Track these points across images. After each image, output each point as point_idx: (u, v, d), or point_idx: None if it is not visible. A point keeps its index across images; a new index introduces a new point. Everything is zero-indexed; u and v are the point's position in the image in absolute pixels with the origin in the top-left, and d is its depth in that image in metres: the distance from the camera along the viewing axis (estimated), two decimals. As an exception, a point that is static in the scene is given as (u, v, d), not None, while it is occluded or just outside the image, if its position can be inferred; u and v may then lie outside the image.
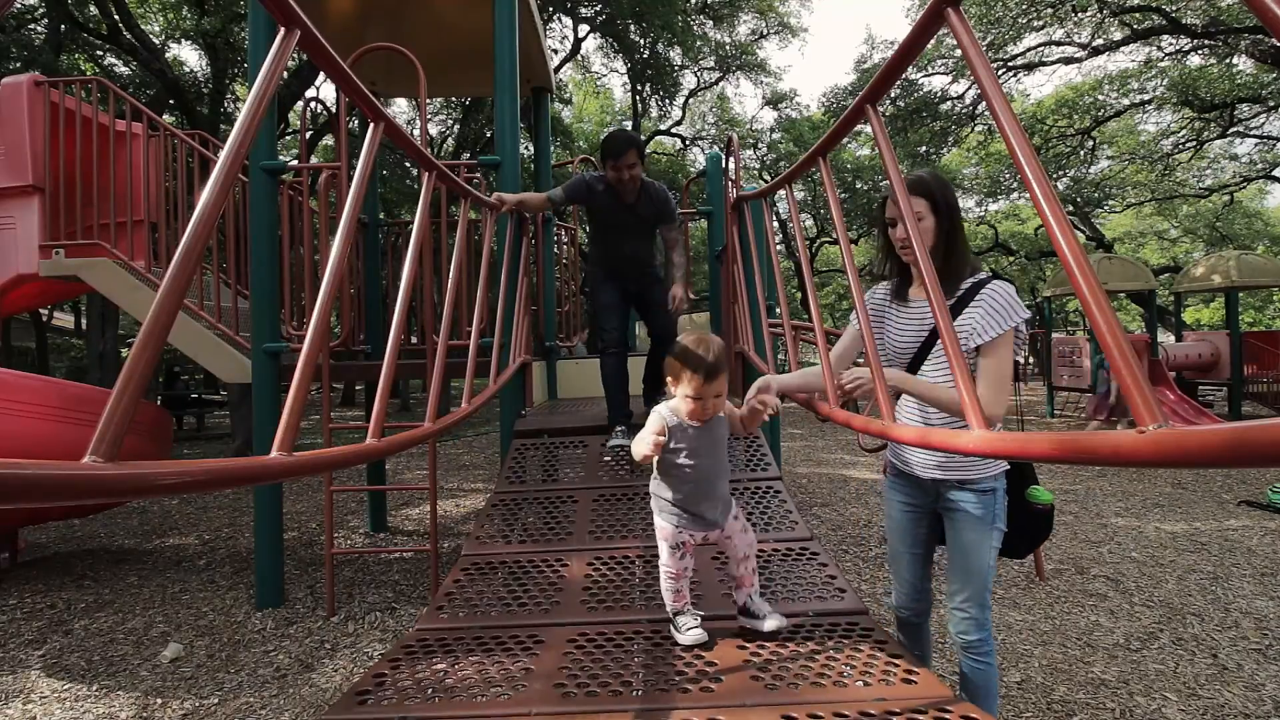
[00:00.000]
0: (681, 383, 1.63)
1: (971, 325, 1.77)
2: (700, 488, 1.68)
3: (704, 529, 1.70)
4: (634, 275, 3.55)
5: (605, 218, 3.46)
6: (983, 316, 1.76)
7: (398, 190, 14.70)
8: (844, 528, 5.32)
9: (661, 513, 1.73)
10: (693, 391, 1.61)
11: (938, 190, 1.84)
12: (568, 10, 14.96)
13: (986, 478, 1.85)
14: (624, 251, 3.49)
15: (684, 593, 1.72)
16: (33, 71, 6.15)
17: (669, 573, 1.71)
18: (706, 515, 1.69)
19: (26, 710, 2.80)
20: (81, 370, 16.38)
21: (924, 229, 1.81)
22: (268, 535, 3.94)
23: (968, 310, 1.80)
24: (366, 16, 4.60)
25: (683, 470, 1.66)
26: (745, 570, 1.73)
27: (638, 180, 3.34)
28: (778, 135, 21.67)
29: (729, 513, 1.74)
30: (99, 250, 4.69)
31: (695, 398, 1.62)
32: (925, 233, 1.82)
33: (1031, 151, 0.91)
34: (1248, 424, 0.56)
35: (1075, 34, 13.13)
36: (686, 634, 1.66)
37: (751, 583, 1.74)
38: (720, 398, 1.65)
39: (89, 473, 0.66)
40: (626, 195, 3.37)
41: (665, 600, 1.74)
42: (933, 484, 1.92)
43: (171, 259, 0.90)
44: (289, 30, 1.15)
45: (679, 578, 1.71)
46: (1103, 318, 0.79)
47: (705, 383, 1.60)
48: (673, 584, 1.71)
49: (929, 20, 1.14)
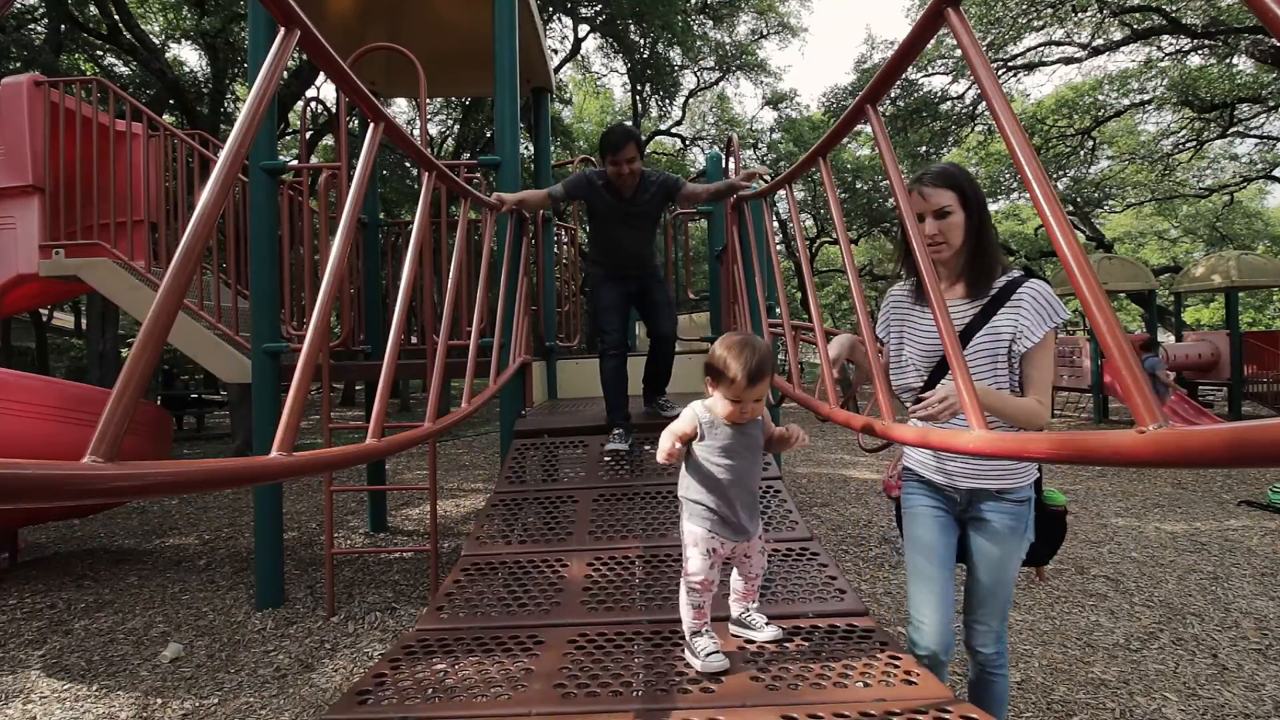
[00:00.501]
0: (722, 384, 1.55)
1: (1017, 327, 1.66)
2: (733, 490, 1.60)
3: (735, 537, 1.61)
4: (635, 274, 3.53)
5: (606, 214, 3.43)
6: (1028, 317, 1.65)
7: (398, 190, 14.70)
8: (844, 528, 5.32)
9: (691, 517, 1.63)
10: (734, 395, 1.54)
11: (966, 183, 1.72)
12: (568, 10, 14.96)
13: (1023, 486, 1.76)
14: (625, 248, 3.47)
15: (706, 610, 1.60)
16: (33, 71, 6.15)
17: (696, 583, 1.58)
18: (740, 520, 1.61)
19: (26, 710, 2.80)
20: (81, 370, 16.38)
21: (953, 225, 1.70)
22: (268, 535, 3.94)
23: (1005, 311, 1.69)
24: (366, 16, 4.60)
25: (716, 470, 1.59)
26: (753, 588, 1.69)
27: (637, 174, 3.31)
28: (778, 135, 21.66)
29: (758, 523, 1.67)
30: (99, 250, 4.69)
31: (735, 399, 1.54)
32: (954, 229, 1.71)
33: (1031, 151, 0.91)
34: (1248, 424, 0.56)
35: (1075, 34, 13.13)
36: (706, 660, 1.53)
37: (753, 598, 1.71)
38: (760, 402, 1.58)
39: (89, 473, 0.66)
40: (626, 190, 3.33)
41: (683, 617, 1.61)
42: (968, 494, 1.79)
43: (171, 259, 0.90)
44: (289, 30, 1.15)
45: (705, 590, 1.59)
46: (1103, 318, 0.79)
47: (748, 387, 1.52)
48: (697, 597, 1.59)
49: (929, 20, 1.14)
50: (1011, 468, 1.74)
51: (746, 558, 1.66)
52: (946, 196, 1.69)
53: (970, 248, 1.73)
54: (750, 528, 1.63)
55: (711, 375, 1.58)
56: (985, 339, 1.70)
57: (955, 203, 1.69)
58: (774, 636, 1.65)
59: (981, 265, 1.72)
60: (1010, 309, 1.68)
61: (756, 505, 1.67)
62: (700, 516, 1.61)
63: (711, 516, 1.60)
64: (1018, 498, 1.75)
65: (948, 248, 1.73)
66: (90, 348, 11.81)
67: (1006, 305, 1.69)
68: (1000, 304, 1.70)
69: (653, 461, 3.02)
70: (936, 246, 1.73)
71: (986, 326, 1.70)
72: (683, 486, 1.67)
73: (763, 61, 19.71)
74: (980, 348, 1.71)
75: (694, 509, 1.62)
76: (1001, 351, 1.68)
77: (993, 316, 1.70)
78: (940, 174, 1.72)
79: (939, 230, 1.71)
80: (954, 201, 1.69)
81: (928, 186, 1.71)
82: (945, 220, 1.70)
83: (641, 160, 3.33)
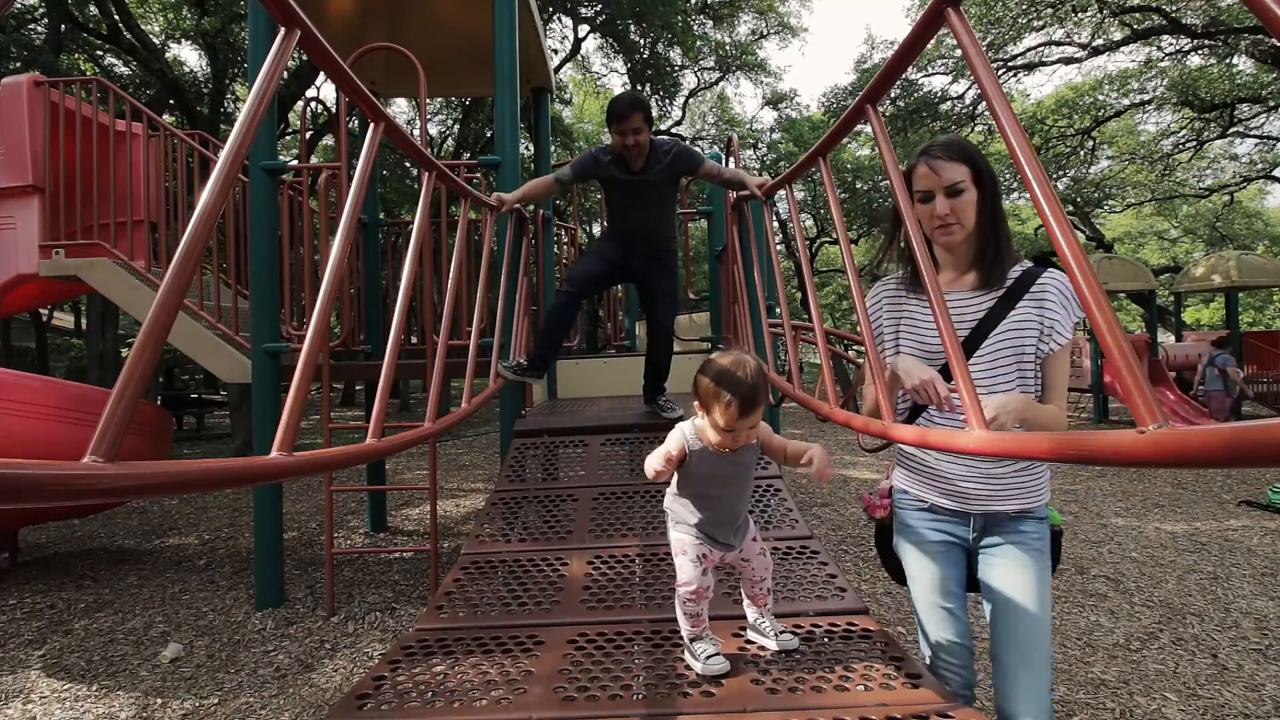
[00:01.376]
0: (713, 411, 1.39)
1: (1045, 322, 1.47)
2: (718, 515, 1.51)
3: (720, 550, 1.53)
4: (644, 250, 3.30)
5: (616, 189, 3.26)
6: (1057, 311, 1.47)
7: (398, 190, 14.71)
8: (844, 528, 5.32)
9: (677, 525, 1.55)
10: (725, 424, 1.38)
11: (978, 155, 1.49)
12: (568, 10, 14.96)
13: (1042, 505, 1.56)
14: (633, 219, 3.29)
15: (703, 617, 1.53)
16: (33, 71, 6.15)
17: (689, 591, 1.50)
18: (720, 539, 1.52)
19: (26, 710, 2.80)
20: (81, 370, 16.37)
21: (966, 203, 1.48)
22: (268, 535, 3.94)
23: (1027, 303, 1.49)
24: (366, 16, 4.60)
25: (701, 496, 1.51)
26: (761, 591, 1.60)
27: (645, 145, 3.11)
28: (778, 135, 21.65)
29: (746, 535, 1.57)
30: (99, 250, 4.69)
31: (727, 429, 1.39)
32: (968, 207, 1.48)
33: (1031, 151, 0.91)
34: (1248, 424, 0.56)
35: (1075, 34, 13.13)
36: (707, 662, 1.47)
37: (766, 603, 1.61)
38: (754, 428, 1.44)
39: (89, 473, 0.66)
40: (634, 161, 3.15)
41: (681, 625, 1.55)
42: (983, 520, 1.57)
43: (171, 259, 0.90)
44: (289, 30, 1.15)
45: (700, 598, 1.50)
46: (1103, 317, 0.79)
47: (740, 416, 1.37)
48: (693, 605, 1.51)
49: (929, 20, 1.14)
50: (1034, 484, 1.54)
51: (745, 561, 1.57)
52: (959, 170, 1.47)
53: (984, 230, 1.51)
54: (736, 543, 1.54)
55: (701, 400, 1.43)
56: (1008, 336, 1.50)
57: (968, 178, 1.47)
58: (787, 646, 1.56)
59: (997, 250, 1.51)
60: (1033, 302, 1.48)
61: (744, 522, 1.57)
62: (686, 525, 1.53)
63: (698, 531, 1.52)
64: (1038, 516, 1.57)
65: (960, 229, 1.50)
66: (90, 348, 11.82)
67: (1027, 297, 1.49)
68: (1018, 296, 1.49)
69: (653, 461, 3.01)
70: (947, 229, 1.50)
71: (1007, 321, 1.49)
72: (669, 495, 1.58)
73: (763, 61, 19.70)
74: (1002, 346, 1.50)
75: (680, 518, 1.55)
76: (1028, 350, 1.49)
77: (1012, 310, 1.48)
78: (951, 144, 1.50)
79: (951, 210, 1.48)
80: (967, 177, 1.47)
81: (938, 158, 1.48)
82: (958, 198, 1.48)
83: (650, 131, 3.16)
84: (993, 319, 1.51)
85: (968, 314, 1.54)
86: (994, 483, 1.54)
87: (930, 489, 1.63)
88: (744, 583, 1.62)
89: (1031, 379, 1.51)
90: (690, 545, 1.52)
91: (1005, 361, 1.50)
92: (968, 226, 1.50)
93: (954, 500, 1.59)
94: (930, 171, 1.49)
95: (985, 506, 1.55)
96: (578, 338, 6.53)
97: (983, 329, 1.51)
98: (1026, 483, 1.54)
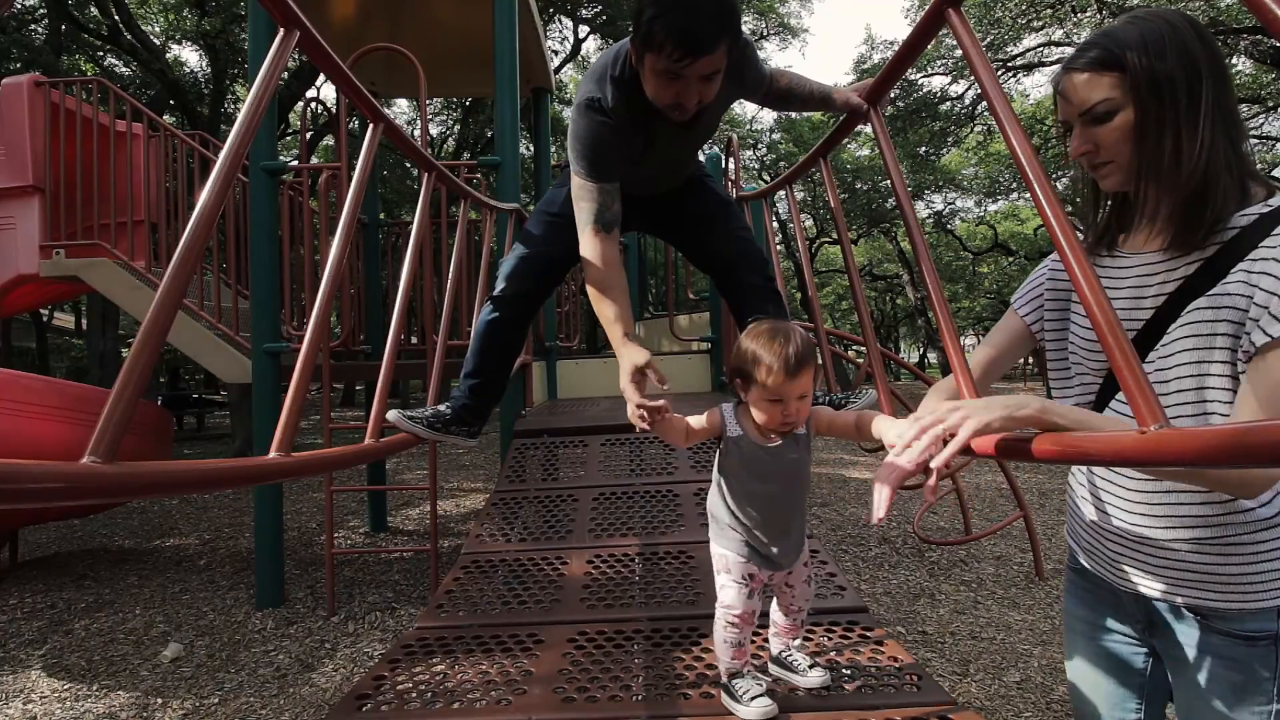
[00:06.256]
0: (757, 375, 1.18)
1: (1262, 301, 0.85)
2: (765, 518, 1.28)
3: (770, 569, 1.31)
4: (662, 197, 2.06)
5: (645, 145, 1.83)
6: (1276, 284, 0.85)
7: (398, 190, 14.73)
8: (843, 528, 5.31)
9: (720, 538, 1.33)
10: (773, 392, 1.18)
11: (1145, 50, 0.92)
12: (568, 11, 14.98)
13: (1255, 610, 0.94)
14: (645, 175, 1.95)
15: (747, 647, 1.32)
16: (33, 72, 6.15)
17: (733, 617, 1.28)
18: (770, 555, 1.29)
19: (26, 710, 2.80)
20: (81, 370, 16.39)
21: (1113, 131, 0.97)
22: (268, 535, 3.94)
23: (1239, 271, 0.90)
24: (366, 16, 4.60)
25: (742, 493, 1.30)
26: (795, 622, 1.41)
27: (710, 96, 1.61)
28: (778, 135, 21.68)
29: (800, 556, 1.35)
30: (99, 250, 4.70)
31: (773, 399, 1.19)
32: (1117, 136, 0.97)
33: (1031, 151, 0.91)
34: (1248, 424, 0.56)
35: (1075, 34, 13.13)
36: (752, 704, 1.26)
37: (796, 634, 1.43)
38: (805, 399, 1.21)
39: (89, 473, 0.66)
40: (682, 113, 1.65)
41: (719, 656, 1.33)
42: (1147, 608, 1.05)
43: (171, 259, 0.90)
44: (289, 31, 1.15)
45: (745, 624, 1.29)
46: (1103, 318, 0.79)
47: (788, 378, 1.16)
48: (736, 633, 1.28)
49: (930, 20, 1.14)
50: (1240, 568, 0.94)
51: (788, 586, 1.36)
52: (1101, 85, 0.96)
53: (1158, 167, 0.95)
54: (787, 562, 1.32)
55: (740, 376, 1.23)
56: (1198, 316, 0.94)
57: (1119, 92, 0.95)
58: (820, 682, 1.37)
59: (1198, 195, 0.93)
60: (1255, 265, 0.88)
61: (802, 539, 1.35)
62: (730, 539, 1.31)
63: (744, 543, 1.30)
64: (1245, 631, 0.94)
65: (1115, 169, 1.01)
66: (90, 348, 11.82)
67: (1249, 258, 0.89)
68: (1238, 255, 0.91)
69: (653, 460, 3.02)
70: (1096, 169, 1.03)
71: (1205, 298, 0.93)
72: (712, 500, 1.36)
73: (763, 62, 19.71)
74: (1186, 330, 0.95)
75: (723, 528, 1.32)
76: (1219, 344, 0.91)
77: (1224, 276, 0.91)
78: (1094, 44, 0.98)
79: (1092, 145, 1.01)
80: (1113, 88, 0.95)
81: (1072, 71, 1.00)
82: (1101, 125, 0.98)
83: None
84: (1190, 292, 0.95)
85: (1150, 289, 1.01)
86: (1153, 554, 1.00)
87: (1078, 535, 1.15)
88: (778, 609, 1.42)
89: (1222, 384, 0.92)
90: (735, 563, 1.30)
91: (1185, 355, 0.95)
92: (1124, 164, 1.00)
93: (1108, 568, 1.07)
94: (1062, 98, 1.03)
95: (1138, 587, 1.03)
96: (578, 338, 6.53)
97: (1173, 308, 0.97)
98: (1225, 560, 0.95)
